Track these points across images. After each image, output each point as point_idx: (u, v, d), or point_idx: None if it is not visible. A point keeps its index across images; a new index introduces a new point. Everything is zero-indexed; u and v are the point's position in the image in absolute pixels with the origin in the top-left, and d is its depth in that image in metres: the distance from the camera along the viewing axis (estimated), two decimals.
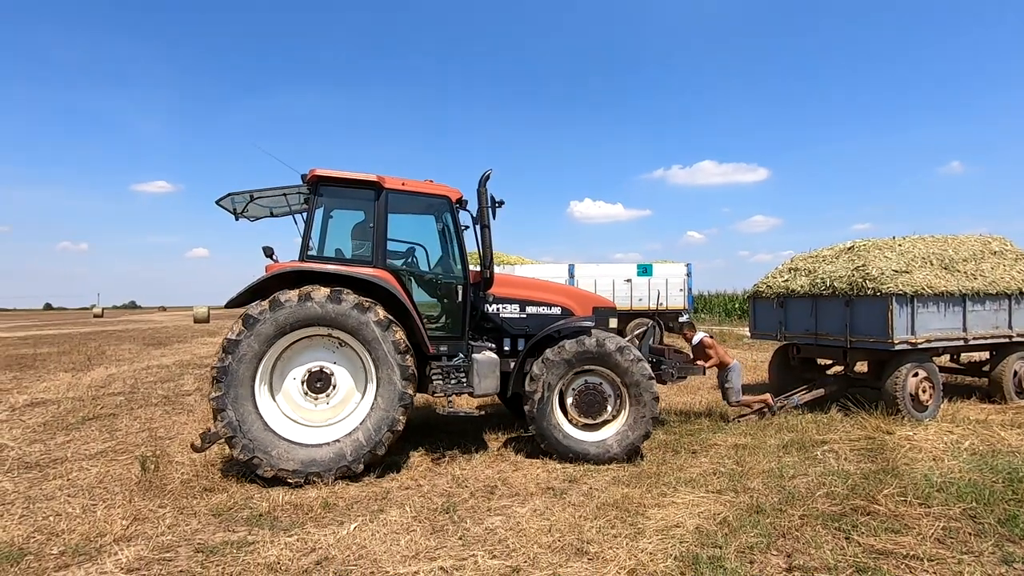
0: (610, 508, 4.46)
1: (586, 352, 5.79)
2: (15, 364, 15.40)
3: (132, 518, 4.29)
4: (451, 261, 6.30)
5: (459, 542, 3.92)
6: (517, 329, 6.41)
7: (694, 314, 30.21)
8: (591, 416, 5.89)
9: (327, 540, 3.91)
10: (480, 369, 5.82)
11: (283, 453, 5.07)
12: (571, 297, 6.78)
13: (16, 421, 7.92)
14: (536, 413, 5.76)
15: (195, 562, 3.62)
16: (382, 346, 5.29)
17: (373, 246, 5.76)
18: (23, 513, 4.42)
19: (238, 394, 5.03)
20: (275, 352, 5.25)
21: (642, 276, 18.51)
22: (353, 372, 5.50)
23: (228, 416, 4.98)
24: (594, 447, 5.79)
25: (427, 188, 6.12)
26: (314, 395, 5.40)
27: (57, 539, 3.95)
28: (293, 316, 5.15)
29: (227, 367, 5.02)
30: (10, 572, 3.48)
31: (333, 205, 6.03)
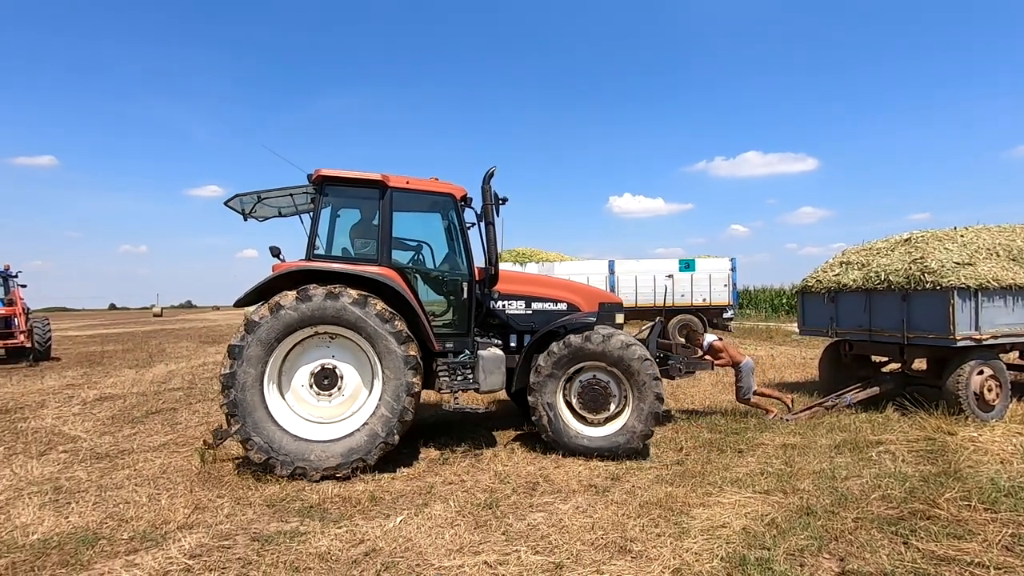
0: (653, 507, 4.41)
1: (587, 348, 5.78)
2: (85, 361, 16.43)
3: (193, 507, 4.54)
4: (456, 258, 6.31)
5: (502, 537, 3.97)
6: (523, 325, 6.48)
7: (739, 310, 29.44)
8: (595, 411, 5.88)
9: (374, 532, 4.03)
10: (486, 365, 5.91)
11: (292, 450, 5.14)
12: (576, 293, 6.78)
13: (87, 414, 8.46)
14: (540, 408, 5.80)
15: (251, 550, 3.79)
16: (384, 338, 5.30)
17: (378, 244, 5.80)
18: (96, 500, 4.72)
19: (248, 398, 5.11)
20: (281, 353, 5.31)
21: (684, 272, 18.15)
22: (359, 368, 5.54)
23: (241, 421, 5.08)
24: (598, 442, 5.78)
25: (431, 186, 6.17)
26: (323, 392, 5.47)
27: (127, 525, 4.21)
28: (294, 317, 5.19)
29: (234, 373, 5.10)
30: (86, 554, 3.73)
31: (339, 204, 6.10)
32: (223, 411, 5.14)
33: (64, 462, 5.94)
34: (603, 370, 5.87)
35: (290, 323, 5.21)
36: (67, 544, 3.88)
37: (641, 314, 19.25)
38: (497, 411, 8.21)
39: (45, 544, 3.89)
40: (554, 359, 5.81)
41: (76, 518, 4.33)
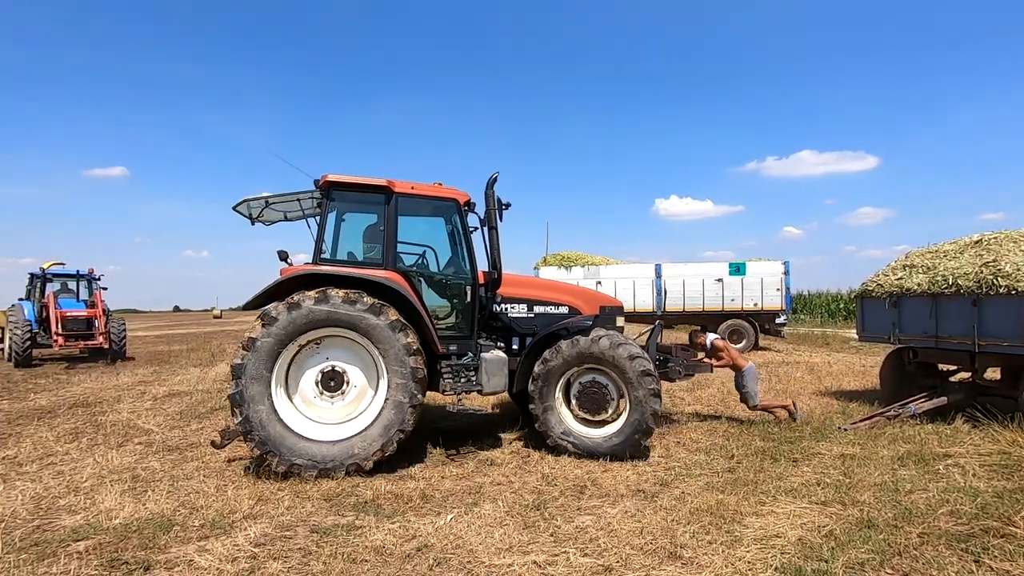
0: (704, 513, 4.35)
1: (583, 351, 5.87)
2: (154, 360, 17.48)
3: (256, 498, 4.79)
4: (460, 262, 6.39)
5: (551, 538, 4.01)
6: (525, 328, 6.57)
7: (792, 315, 28.38)
8: (594, 413, 5.97)
9: (426, 529, 4.15)
10: (489, 368, 6.04)
11: (295, 448, 5.22)
12: (578, 296, 6.88)
13: (158, 409, 9.02)
14: (540, 410, 5.94)
15: (311, 541, 3.97)
16: (394, 349, 5.38)
17: (384, 248, 5.90)
18: (169, 489, 5.05)
19: (255, 390, 5.18)
20: (291, 351, 5.38)
21: (734, 275, 17.67)
22: (365, 372, 5.62)
23: (245, 412, 5.14)
24: (598, 443, 5.87)
25: (436, 191, 6.26)
26: (328, 394, 5.56)
27: (197, 513, 4.49)
28: (310, 316, 5.26)
29: (244, 364, 5.17)
30: (163, 539, 4.00)
31: (345, 209, 6.20)
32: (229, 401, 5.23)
33: (139, 453, 6.37)
34: (601, 372, 5.95)
35: (306, 322, 5.26)
36: (145, 529, 4.17)
37: (689, 319, 18.87)
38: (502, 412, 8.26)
39: (126, 528, 4.19)
40: (552, 362, 5.94)
41: (152, 505, 4.65)
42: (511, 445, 6.44)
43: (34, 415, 8.72)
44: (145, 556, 3.74)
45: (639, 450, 5.89)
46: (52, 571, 3.53)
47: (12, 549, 3.85)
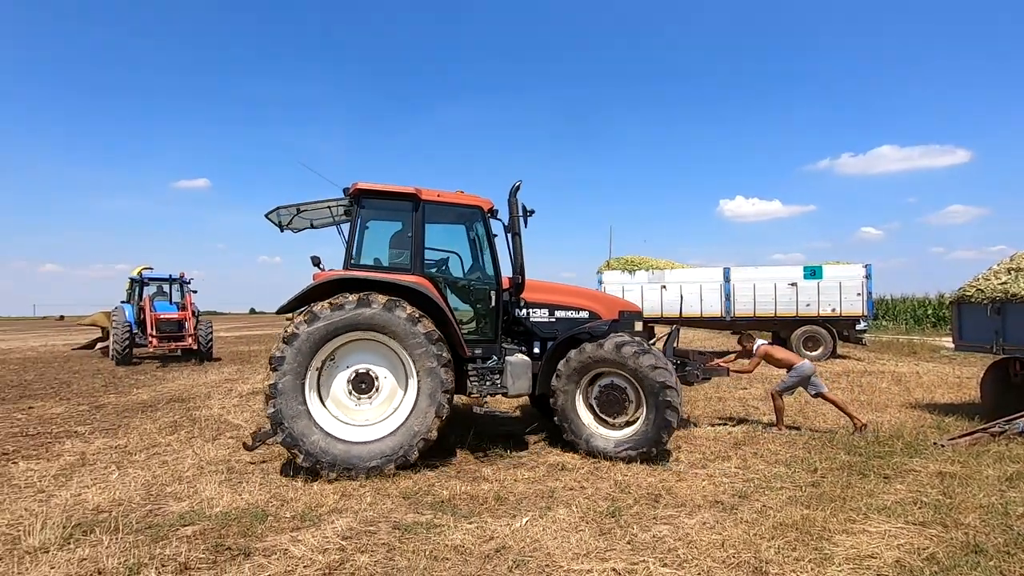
0: (789, 529, 4.18)
1: (602, 354, 5.99)
2: (237, 359, 18.64)
3: (340, 494, 5.02)
4: (484, 267, 6.54)
5: (628, 546, 3.98)
6: (546, 332, 6.71)
7: (873, 321, 26.63)
8: (613, 415, 6.13)
9: (503, 531, 4.21)
10: (514, 371, 6.15)
11: (321, 446, 5.31)
12: (597, 301, 7.05)
13: (244, 406, 9.63)
14: (561, 411, 6.12)
15: (394, 537, 4.13)
16: (427, 358, 5.53)
17: (411, 254, 6.07)
18: (261, 482, 5.38)
19: (290, 384, 5.30)
20: (327, 351, 5.50)
21: (810, 279, 16.81)
22: (395, 375, 5.77)
23: (278, 404, 5.26)
24: (616, 444, 6.01)
25: (461, 199, 6.45)
26: (358, 396, 5.69)
27: (288, 505, 4.77)
28: (352, 318, 5.41)
29: (284, 357, 5.31)
30: (259, 528, 4.28)
31: (372, 216, 6.35)
32: (264, 392, 5.35)
33: (232, 447, 6.82)
34: (619, 376, 6.08)
35: (345, 324, 5.41)
36: (243, 518, 4.47)
37: (760, 325, 18.12)
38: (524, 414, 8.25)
39: (227, 516, 4.52)
40: (572, 365, 6.08)
41: (247, 495, 4.98)
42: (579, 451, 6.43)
43: (137, 408, 9.53)
44: (245, 543, 4.01)
45: (658, 453, 5.97)
46: (166, 552, 3.85)
47: (131, 530, 4.24)
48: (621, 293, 17.82)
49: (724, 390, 10.92)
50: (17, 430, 8.02)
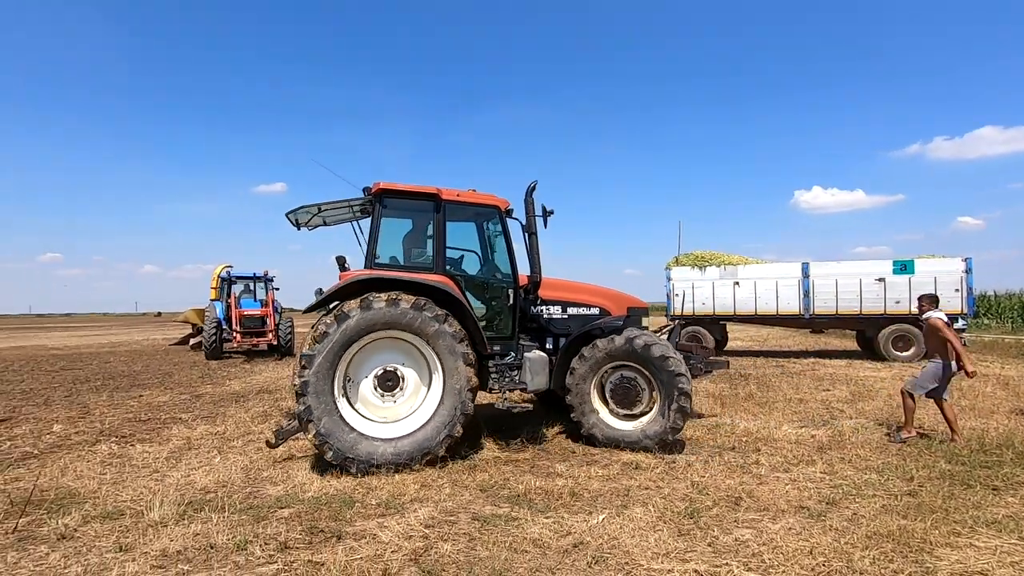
0: (884, 539, 3.96)
1: (616, 349, 6.25)
2: None
3: (421, 484, 5.23)
4: (502, 266, 6.64)
5: (709, 548, 3.91)
6: (560, 329, 6.92)
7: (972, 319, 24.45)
8: (628, 407, 6.37)
9: (580, 527, 4.25)
10: (533, 367, 6.29)
11: (349, 443, 5.38)
12: (607, 298, 7.20)
13: None
14: (577, 405, 6.36)
15: (474, 527, 4.27)
16: (453, 357, 5.63)
17: (434, 254, 6.17)
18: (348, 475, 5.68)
19: (321, 382, 5.36)
20: (354, 350, 5.56)
21: (900, 274, 15.66)
22: (419, 374, 5.86)
23: (308, 401, 5.33)
24: (631, 435, 6.26)
25: (479, 198, 6.54)
26: (385, 393, 5.77)
27: (373, 493, 5.02)
28: (381, 317, 5.48)
29: (314, 355, 5.36)
30: (347, 513, 4.54)
31: (394, 216, 6.41)
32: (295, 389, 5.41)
33: None
34: (632, 369, 6.33)
35: (358, 329, 5.46)
36: (333, 503, 4.76)
37: (843, 323, 17.11)
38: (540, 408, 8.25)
39: (318, 500, 4.82)
40: (588, 360, 6.31)
41: (336, 482, 5.29)
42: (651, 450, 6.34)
43: (231, 398, 10.28)
44: (336, 527, 4.27)
45: (671, 444, 6.20)
46: (267, 532, 4.17)
47: (235, 510, 4.61)
48: (691, 290, 17.33)
49: (805, 391, 10.42)
50: (131, 415, 8.87)
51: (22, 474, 5.80)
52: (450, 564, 3.69)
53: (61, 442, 7.20)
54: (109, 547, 3.94)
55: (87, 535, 4.19)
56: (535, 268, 6.52)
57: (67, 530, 4.26)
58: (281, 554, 3.82)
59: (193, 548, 3.91)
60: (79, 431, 7.82)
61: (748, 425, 7.53)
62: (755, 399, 9.56)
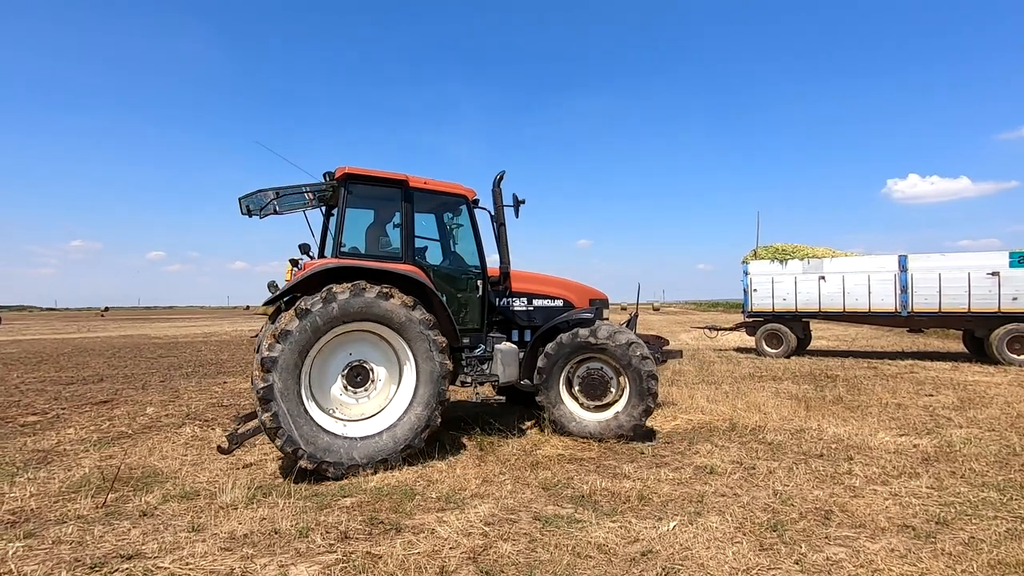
0: (1012, 570, 3.40)
1: (583, 341, 6.32)
2: None
3: (482, 479, 5.10)
4: (470, 257, 6.54)
5: (796, 567, 3.50)
6: (524, 321, 6.92)
7: None
8: (596, 398, 6.46)
9: (649, 533, 3.95)
10: (504, 359, 6.27)
11: (322, 445, 5.04)
12: (570, 290, 7.22)
13: None
14: (546, 398, 6.44)
15: (535, 528, 4.07)
16: (425, 345, 5.43)
17: (403, 242, 5.92)
18: (411, 461, 5.66)
19: (286, 384, 4.94)
20: (319, 346, 5.20)
21: (1018, 267, 13.92)
22: (388, 367, 5.61)
23: (274, 408, 4.89)
24: (602, 426, 6.34)
25: (446, 187, 6.37)
26: (354, 390, 5.47)
27: (433, 486, 4.95)
28: (345, 309, 5.14)
29: (277, 357, 4.90)
30: (407, 506, 4.49)
31: (358, 203, 6.07)
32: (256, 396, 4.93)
33: None
34: (601, 360, 6.41)
35: (322, 323, 5.09)
36: (393, 494, 4.72)
37: (948, 322, 15.47)
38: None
39: (379, 491, 4.80)
40: (559, 351, 6.36)
41: (397, 473, 5.27)
42: (727, 452, 5.89)
43: None
44: (396, 519, 4.21)
45: (642, 431, 6.34)
46: (329, 520, 4.17)
47: (300, 497, 4.68)
48: (771, 285, 16.31)
49: (903, 396, 9.44)
50: (215, 401, 9.40)
51: (115, 452, 6.22)
52: (509, 565, 3.52)
53: (152, 424, 7.71)
54: (183, 526, 4.08)
55: (165, 513, 4.37)
56: (504, 259, 6.59)
57: (148, 508, 4.47)
58: (341, 544, 3.80)
59: (259, 532, 3.97)
60: (168, 414, 8.35)
61: (838, 431, 6.87)
62: (844, 403, 8.76)
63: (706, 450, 6.06)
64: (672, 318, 50.41)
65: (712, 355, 16.85)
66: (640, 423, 6.25)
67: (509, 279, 6.82)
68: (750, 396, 9.18)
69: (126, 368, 14.50)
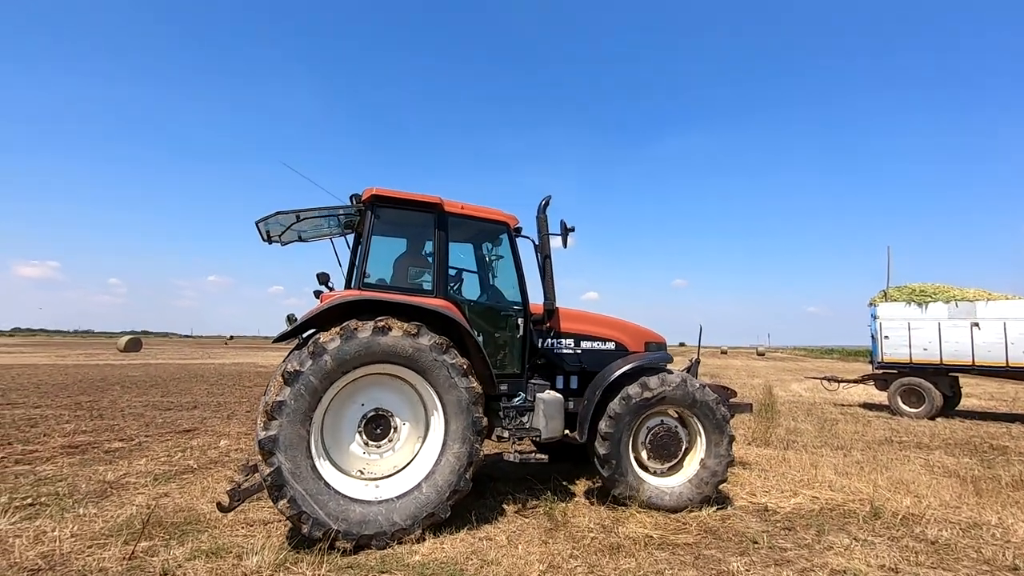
0: None
1: (665, 391, 5.43)
2: None
3: (548, 564, 4.14)
4: (511, 291, 5.75)
5: None
6: (571, 365, 5.99)
7: None
8: (665, 459, 5.59)
9: None
10: (548, 410, 5.33)
11: (331, 509, 4.26)
12: (623, 331, 6.27)
13: None
14: (611, 458, 5.34)
15: None
16: (456, 393, 4.70)
17: (434, 274, 5.23)
18: (466, 529, 4.82)
19: (294, 434, 4.24)
20: (334, 391, 4.52)
21: None
22: (413, 417, 4.88)
23: (277, 462, 4.18)
24: (669, 493, 5.43)
25: (485, 213, 5.66)
26: (374, 443, 4.73)
27: (488, 568, 4.06)
28: (367, 349, 4.46)
29: (285, 402, 4.24)
30: None
31: (385, 228, 5.42)
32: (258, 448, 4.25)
33: None
34: (669, 415, 5.65)
35: (339, 365, 4.41)
36: (440, 574, 3.91)
37: None
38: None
39: (423, 568, 4.01)
40: (631, 404, 5.38)
41: (448, 546, 4.45)
42: (872, 550, 4.47)
43: None
44: None
45: (710, 501, 5.49)
46: None
47: (334, 567, 4.00)
48: (906, 331, 13.94)
49: None
50: None
51: (171, 489, 5.97)
52: None
53: (219, 458, 7.53)
54: None
55: (187, 574, 3.86)
56: (549, 295, 5.67)
57: (171, 566, 3.99)
58: None
59: None
60: (239, 448, 8.19)
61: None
62: None
63: (842, 544, 4.67)
64: (780, 364, 45.93)
65: (833, 411, 14.57)
66: (713, 493, 5.50)
67: (555, 317, 5.91)
68: (893, 469, 7.41)
69: (221, 396, 15.09)
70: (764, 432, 9.98)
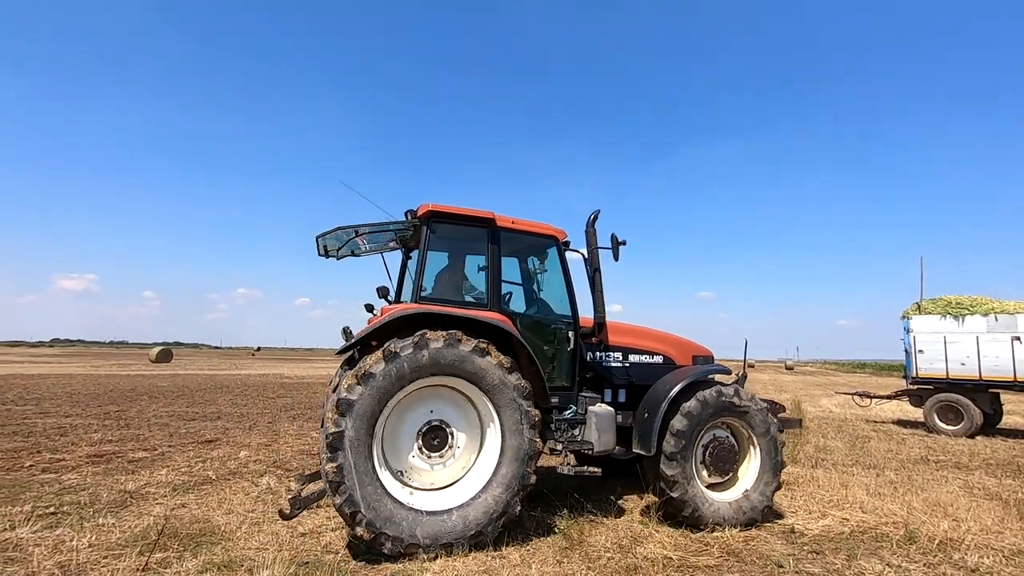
0: None
1: (728, 401, 5.42)
2: None
3: None
4: (561, 305, 5.78)
5: None
6: (620, 379, 6.04)
7: None
8: (722, 473, 5.53)
9: None
10: (600, 424, 5.29)
11: (401, 520, 4.37)
12: (671, 345, 6.37)
13: None
14: (680, 472, 5.18)
15: None
16: (516, 413, 4.74)
17: (488, 287, 5.32)
18: (473, 553, 4.72)
19: (360, 434, 4.35)
20: (397, 399, 4.60)
21: None
22: (469, 425, 4.93)
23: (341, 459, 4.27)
24: (733, 508, 5.35)
25: (535, 227, 5.75)
26: (431, 453, 4.79)
27: None
28: (435, 360, 4.57)
29: (356, 401, 4.37)
30: None
31: (441, 244, 5.57)
32: (328, 478, 4.30)
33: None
34: (730, 427, 5.62)
35: (410, 371, 4.54)
36: None
37: None
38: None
39: None
40: (695, 418, 5.30)
41: (460, 564, 4.34)
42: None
43: None
44: None
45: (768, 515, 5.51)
46: None
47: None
48: (942, 345, 13.42)
49: None
50: (306, 449, 9.22)
51: (189, 500, 6.01)
52: None
53: (238, 469, 7.58)
54: None
55: None
56: (599, 308, 5.79)
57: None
58: None
59: None
60: (258, 459, 8.24)
61: None
62: None
63: (875, 571, 4.43)
64: (809, 379, 44.66)
65: (865, 428, 14.05)
66: (771, 504, 5.52)
67: (604, 331, 5.94)
68: (929, 491, 7.06)
69: (245, 406, 15.27)
70: (792, 449, 9.65)
